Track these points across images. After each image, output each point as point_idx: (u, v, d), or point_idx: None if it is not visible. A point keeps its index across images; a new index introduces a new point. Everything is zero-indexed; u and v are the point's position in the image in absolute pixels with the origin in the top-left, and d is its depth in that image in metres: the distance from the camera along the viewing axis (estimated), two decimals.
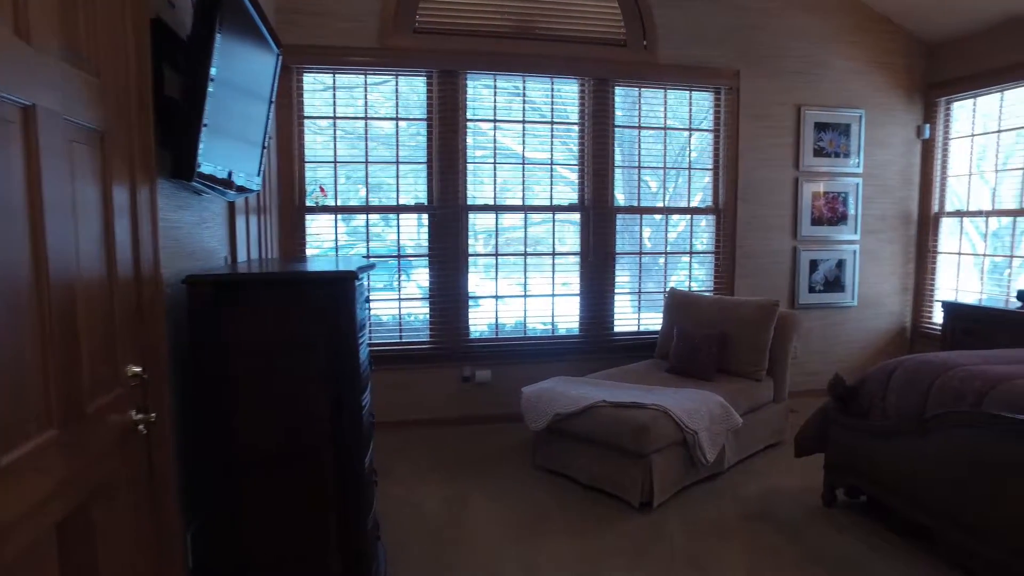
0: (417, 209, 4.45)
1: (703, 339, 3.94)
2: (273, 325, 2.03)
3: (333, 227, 4.35)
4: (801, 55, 4.86)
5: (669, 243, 4.93)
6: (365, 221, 4.40)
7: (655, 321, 4.77)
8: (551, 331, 4.73)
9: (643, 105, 4.73)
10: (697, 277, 4.98)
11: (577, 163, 4.65)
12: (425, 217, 4.46)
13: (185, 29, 1.89)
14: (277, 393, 2.05)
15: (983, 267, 4.94)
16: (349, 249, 4.42)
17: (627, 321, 4.83)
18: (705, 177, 4.93)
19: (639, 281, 4.86)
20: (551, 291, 4.70)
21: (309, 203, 4.28)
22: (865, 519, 3.02)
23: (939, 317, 4.88)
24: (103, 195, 1.38)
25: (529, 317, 4.69)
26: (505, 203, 4.58)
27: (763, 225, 4.92)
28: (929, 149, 5.20)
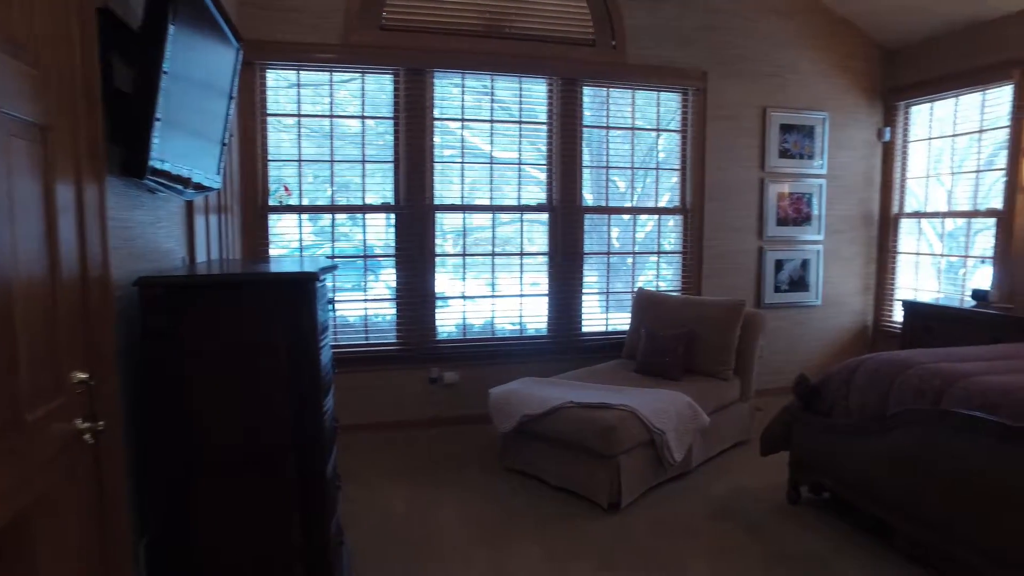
0: (384, 209, 4.39)
1: (670, 339, 3.96)
2: (231, 328, 1.97)
3: (298, 227, 4.26)
4: (767, 58, 4.92)
5: (637, 243, 4.95)
6: (331, 221, 4.33)
7: (623, 321, 4.78)
8: (519, 331, 4.71)
9: (611, 105, 4.74)
10: (665, 277, 5.01)
11: (545, 163, 4.64)
12: (392, 217, 4.40)
13: (137, 19, 1.82)
14: (236, 398, 1.99)
15: (940, 267, 5.06)
16: (316, 249, 4.34)
17: (595, 321, 4.84)
18: (673, 177, 4.96)
19: (607, 281, 4.87)
20: (519, 291, 4.68)
21: (273, 202, 4.19)
22: (829, 516, 3.06)
23: (899, 316, 4.98)
24: (45, 192, 1.31)
25: (497, 317, 4.66)
26: (473, 203, 4.54)
27: (730, 225, 4.97)
28: (889, 151, 5.32)
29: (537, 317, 4.72)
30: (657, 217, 4.96)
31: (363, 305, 4.42)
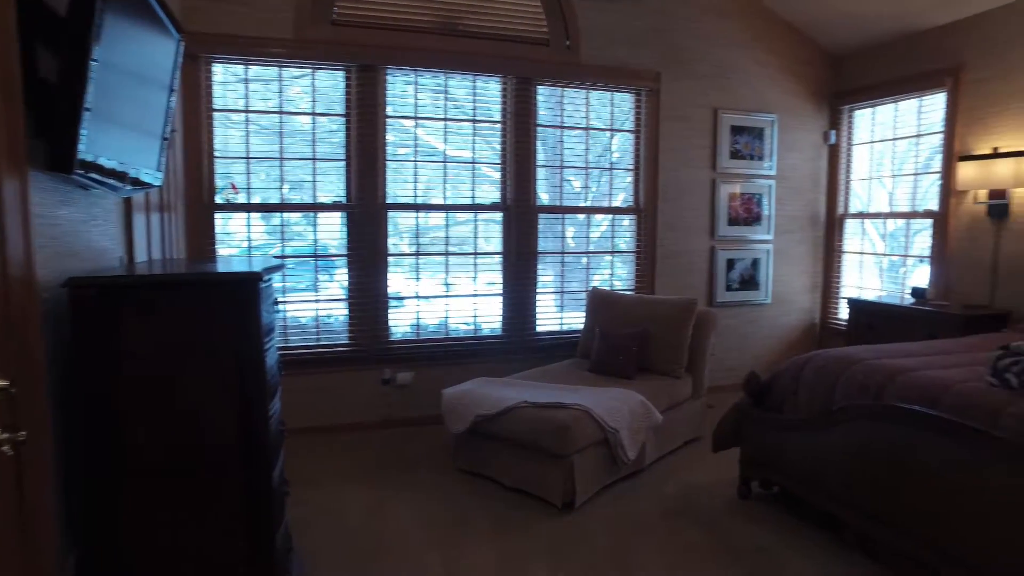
0: (335, 208, 4.30)
1: (624, 338, 3.99)
2: (169, 331, 1.89)
3: (247, 226, 4.14)
4: (718, 60, 5.01)
5: (592, 242, 4.97)
6: (280, 220, 4.22)
7: (578, 320, 4.79)
8: (474, 331, 4.67)
9: (566, 105, 4.75)
10: (619, 276, 5.05)
11: (500, 162, 4.62)
12: (344, 216, 4.31)
13: (64, 5, 1.72)
14: (174, 403, 1.91)
15: (882, 266, 5.24)
16: (269, 249, 4.23)
17: (550, 321, 4.84)
18: (627, 177, 5.00)
19: (562, 280, 4.88)
20: (474, 291, 4.65)
21: (219, 200, 4.06)
22: (778, 510, 3.12)
23: (845, 313, 5.13)
24: None
25: (452, 317, 4.62)
26: (427, 202, 4.49)
27: (682, 225, 5.03)
28: (835, 154, 5.47)
29: (492, 317, 4.69)
30: (611, 217, 4.99)
31: (315, 306, 4.33)
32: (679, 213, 5.01)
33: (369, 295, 4.34)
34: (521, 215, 4.64)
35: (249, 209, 4.13)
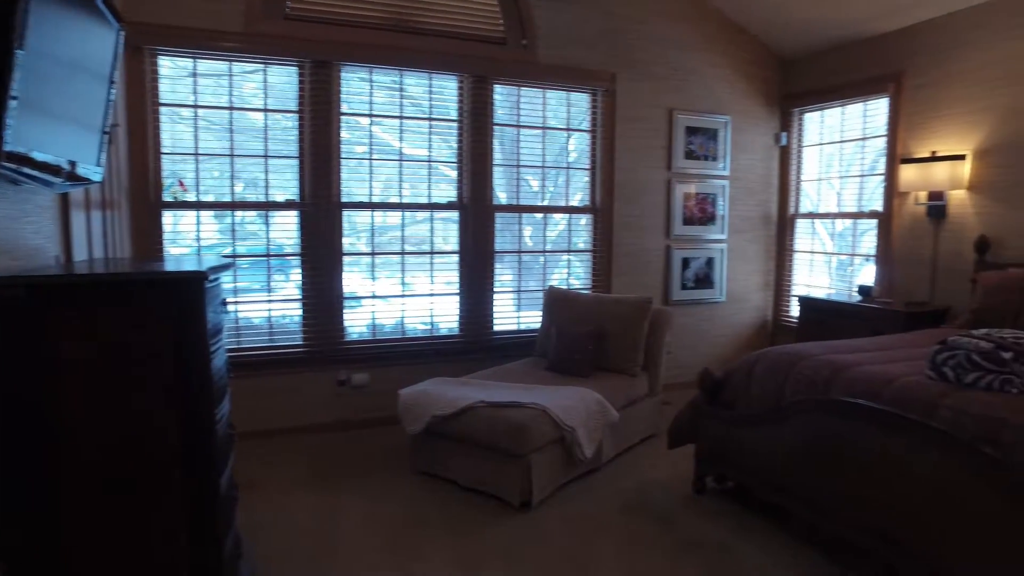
0: (288, 206, 4.21)
1: (580, 336, 4.01)
2: (108, 333, 1.81)
3: (196, 224, 4.02)
4: (673, 62, 5.08)
5: (549, 242, 4.98)
6: (231, 218, 4.12)
7: (535, 319, 4.80)
8: (431, 331, 4.64)
9: (523, 104, 4.75)
10: (577, 275, 5.07)
11: (456, 161, 4.59)
12: (298, 214, 4.23)
13: None
14: (113, 409, 1.83)
15: (831, 264, 5.39)
16: (222, 248, 4.12)
17: (507, 320, 4.83)
18: (584, 177, 5.03)
19: (519, 280, 4.88)
20: (431, 290, 4.61)
21: (167, 198, 3.94)
22: (733, 504, 3.18)
23: (796, 310, 5.26)
24: None
25: (408, 317, 4.58)
26: (383, 200, 4.43)
27: (638, 224, 5.09)
28: (786, 155, 5.60)
29: (449, 316, 4.66)
30: (568, 216, 5.01)
31: (268, 306, 4.23)
32: (635, 213, 5.06)
33: (324, 295, 4.26)
34: (478, 214, 4.62)
35: (199, 207, 4.01)
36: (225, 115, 4.04)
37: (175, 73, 3.93)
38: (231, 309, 4.03)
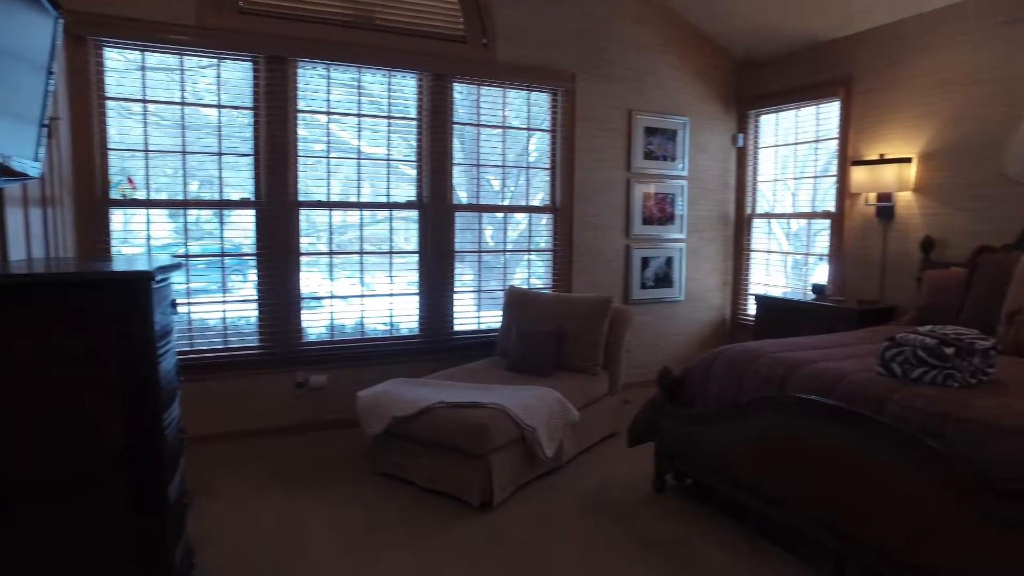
0: (243, 205, 4.11)
1: (541, 336, 4.01)
2: (46, 336, 1.74)
3: (146, 223, 3.89)
4: (632, 63, 5.12)
5: (510, 241, 4.98)
6: (184, 217, 3.99)
7: (496, 319, 4.78)
8: (391, 332, 4.58)
9: (483, 103, 4.73)
10: (537, 274, 5.08)
11: (416, 159, 4.55)
12: (254, 213, 4.13)
13: None
14: (53, 415, 1.76)
15: (787, 264, 5.51)
16: (175, 248, 3.99)
17: (468, 320, 4.81)
18: (545, 177, 5.03)
19: (479, 279, 4.86)
20: (390, 291, 4.56)
21: (115, 195, 3.80)
22: (692, 501, 3.21)
23: (753, 309, 5.36)
24: None
25: (368, 318, 4.51)
26: (342, 199, 4.36)
27: (598, 224, 5.12)
28: (742, 156, 5.71)
29: (409, 316, 4.61)
30: (529, 216, 5.01)
31: (224, 307, 4.12)
32: (595, 212, 5.09)
33: (281, 295, 4.17)
34: (438, 214, 4.58)
35: (150, 206, 3.89)
36: (177, 111, 3.92)
37: (123, 66, 3.79)
38: (183, 310, 3.91)
